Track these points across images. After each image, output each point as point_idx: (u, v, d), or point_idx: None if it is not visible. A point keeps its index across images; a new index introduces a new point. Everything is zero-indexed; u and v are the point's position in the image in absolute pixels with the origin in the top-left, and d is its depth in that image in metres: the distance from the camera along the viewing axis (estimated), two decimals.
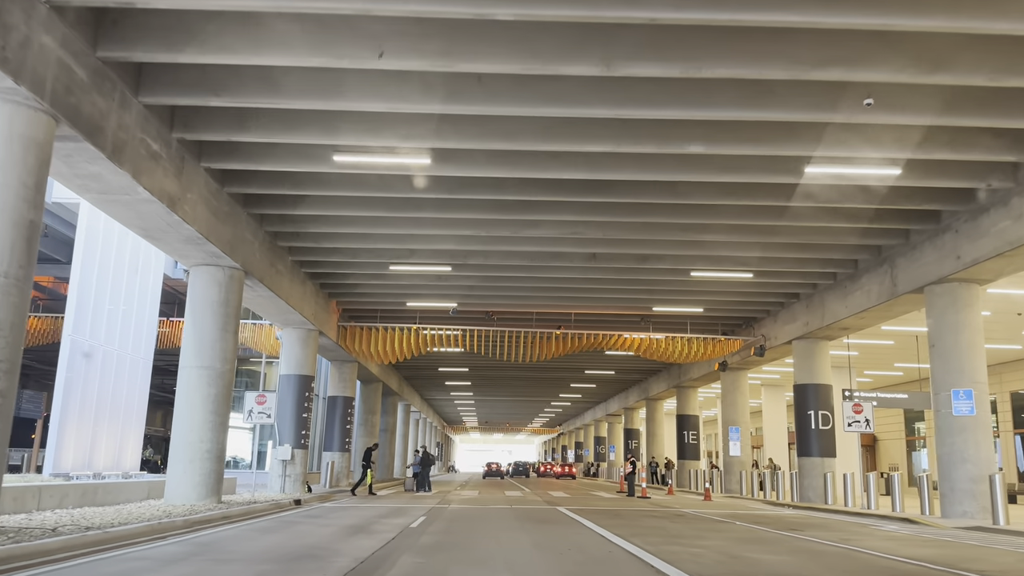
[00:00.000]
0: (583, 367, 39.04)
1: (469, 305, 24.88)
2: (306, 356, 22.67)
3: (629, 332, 25.96)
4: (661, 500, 23.97)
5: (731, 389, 29.98)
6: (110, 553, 8.54)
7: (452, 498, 22.62)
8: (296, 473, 21.97)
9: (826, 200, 14.81)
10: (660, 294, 22.89)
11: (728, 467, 29.72)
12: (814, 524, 14.95)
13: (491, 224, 16.83)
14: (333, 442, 29.14)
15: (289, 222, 16.96)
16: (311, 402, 22.75)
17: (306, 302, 21.31)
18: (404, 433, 50.47)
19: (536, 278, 21.45)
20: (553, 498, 23.46)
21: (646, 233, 17.06)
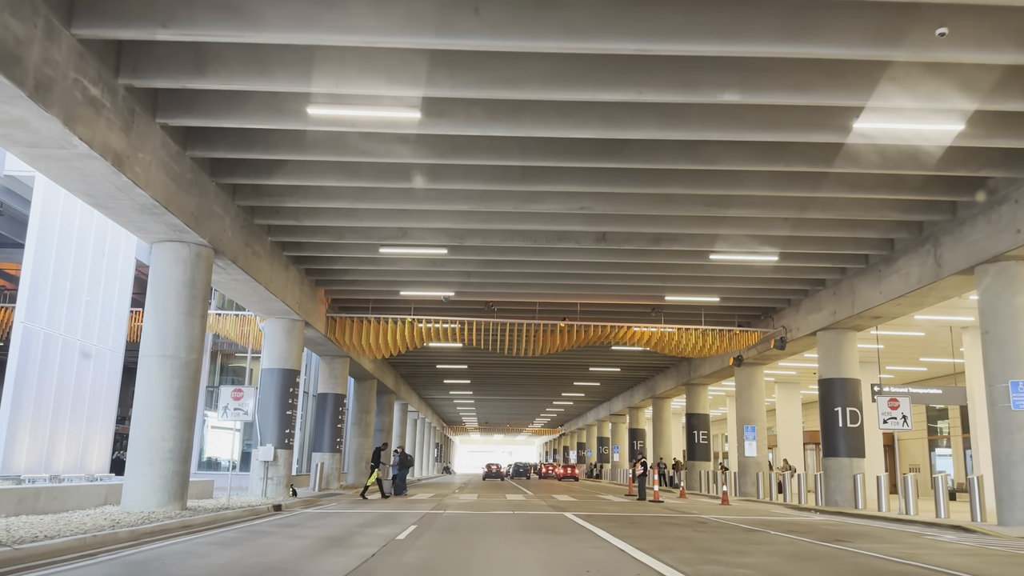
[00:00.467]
0: (587, 364, 37.28)
1: (467, 295, 23.11)
2: (291, 349, 20.89)
3: (639, 324, 24.17)
4: (675, 504, 22.19)
5: (746, 385, 28.20)
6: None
7: (449, 502, 20.85)
8: (279, 475, 20.19)
9: (870, 165, 13.03)
10: (674, 281, 21.11)
11: (743, 469, 27.93)
12: (858, 533, 13.17)
13: (491, 197, 15.07)
14: (323, 442, 27.38)
15: (265, 195, 15.19)
16: (296, 398, 20.98)
17: (290, 289, 19.54)
18: (401, 433, 48.69)
19: (540, 263, 19.68)
20: (558, 502, 21.69)
21: (662, 207, 15.28)
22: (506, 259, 19.27)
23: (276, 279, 18.33)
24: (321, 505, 19.20)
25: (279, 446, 20.31)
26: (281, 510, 17.06)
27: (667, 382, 38.72)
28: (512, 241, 17.49)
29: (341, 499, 21.81)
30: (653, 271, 19.94)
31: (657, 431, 41.93)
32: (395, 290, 22.72)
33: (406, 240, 17.54)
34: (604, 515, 16.45)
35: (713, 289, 22.12)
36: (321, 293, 23.00)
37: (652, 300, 23.30)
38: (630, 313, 25.09)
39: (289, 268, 19.37)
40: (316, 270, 21.09)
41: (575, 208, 15.23)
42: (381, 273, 21.08)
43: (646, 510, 18.85)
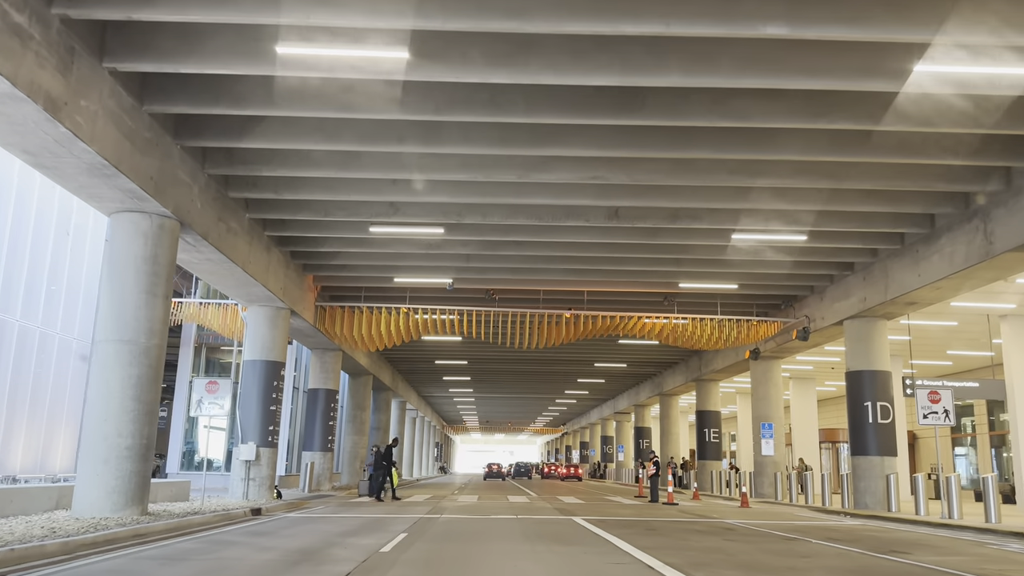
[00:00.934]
0: (592, 359, 35.67)
1: (466, 282, 21.49)
2: (275, 339, 19.29)
3: (650, 314, 22.56)
4: (690, 507, 20.57)
5: (763, 380, 26.58)
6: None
7: (446, 505, 19.25)
8: (262, 476, 18.60)
9: (921, 122, 11.39)
10: (690, 265, 19.48)
11: (759, 468, 26.31)
12: (911, 542, 11.55)
13: (492, 164, 13.45)
14: (314, 440, 25.79)
15: (238, 161, 13.57)
16: (281, 393, 19.38)
17: (272, 274, 17.93)
18: (399, 432, 47.08)
19: (545, 244, 18.08)
20: (565, 505, 20.07)
21: (683, 175, 13.64)
22: (508, 240, 17.67)
23: (256, 261, 16.72)
24: (307, 508, 17.60)
25: (262, 444, 18.72)
26: (260, 514, 15.47)
27: (676, 378, 37.10)
28: (515, 218, 15.88)
29: (331, 501, 20.21)
30: (668, 253, 18.31)
31: (665, 429, 40.32)
32: (388, 276, 21.11)
33: (398, 217, 15.93)
34: (617, 520, 14.84)
35: (731, 275, 20.50)
36: (309, 280, 21.40)
37: (665, 288, 21.68)
38: (641, 303, 23.48)
39: (271, 250, 17.76)
40: (302, 253, 19.48)
41: (587, 177, 13.60)
42: (373, 257, 19.47)
43: (661, 513, 17.23)
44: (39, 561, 7.85)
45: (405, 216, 15.90)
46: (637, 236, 17.09)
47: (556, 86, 11.08)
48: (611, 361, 36.38)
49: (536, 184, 14.52)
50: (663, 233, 17.04)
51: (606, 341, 30.57)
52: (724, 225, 16.06)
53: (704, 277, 20.49)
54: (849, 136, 12.42)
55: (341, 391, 36.21)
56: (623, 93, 11.18)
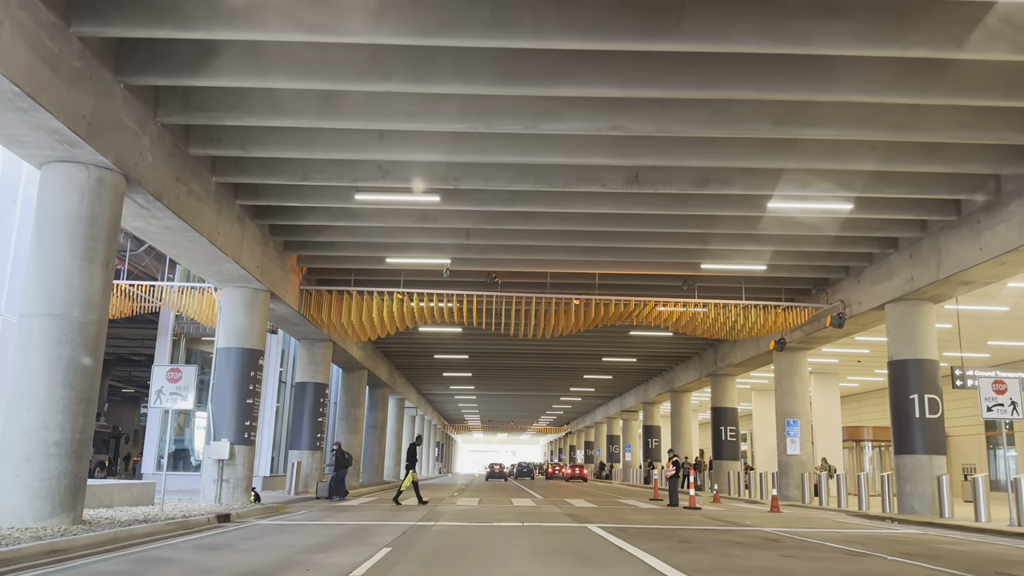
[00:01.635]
0: (600, 352, 33.66)
1: (466, 263, 19.49)
2: (252, 324, 17.29)
3: (669, 299, 20.52)
4: (715, 512, 18.54)
5: (788, 374, 24.54)
6: None
7: (443, 510, 17.23)
8: (237, 477, 16.60)
9: (1014, 48, 9.37)
10: (716, 242, 17.45)
11: (784, 469, 24.27)
12: (1009, 559, 9.53)
13: (494, 108, 11.44)
14: (301, 438, 23.78)
15: (196, 107, 11.55)
16: (259, 384, 17.38)
17: (247, 249, 15.94)
18: (397, 431, 45.12)
19: (554, 217, 16.08)
20: (576, 510, 18.06)
21: (717, 125, 11.60)
22: (513, 210, 15.68)
23: (227, 233, 14.72)
24: (286, 514, 15.60)
25: (237, 441, 16.72)
26: (228, 521, 13.49)
27: (689, 373, 35.07)
28: (521, 182, 13.85)
29: (317, 505, 18.21)
30: (692, 226, 16.28)
31: (676, 428, 38.26)
32: (380, 256, 19.10)
33: (387, 181, 13.90)
34: (639, 529, 12.83)
35: (760, 254, 18.47)
36: (292, 261, 19.40)
37: (685, 270, 19.64)
38: (657, 287, 21.44)
39: (245, 222, 15.75)
40: (282, 228, 17.47)
41: (605, 127, 11.57)
42: (361, 233, 17.45)
43: (686, 520, 15.21)
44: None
45: (395, 180, 13.88)
46: (659, 205, 15.07)
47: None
48: (620, 355, 34.36)
49: (545, 137, 12.50)
50: (689, 201, 15.02)
51: (615, 333, 28.57)
52: (760, 190, 14.02)
53: (730, 257, 18.46)
54: (923, 67, 10.39)
55: (333, 386, 34.20)
56: (655, 7, 9.16)
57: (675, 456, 20.74)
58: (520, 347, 32.12)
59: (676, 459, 20.62)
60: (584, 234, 17.30)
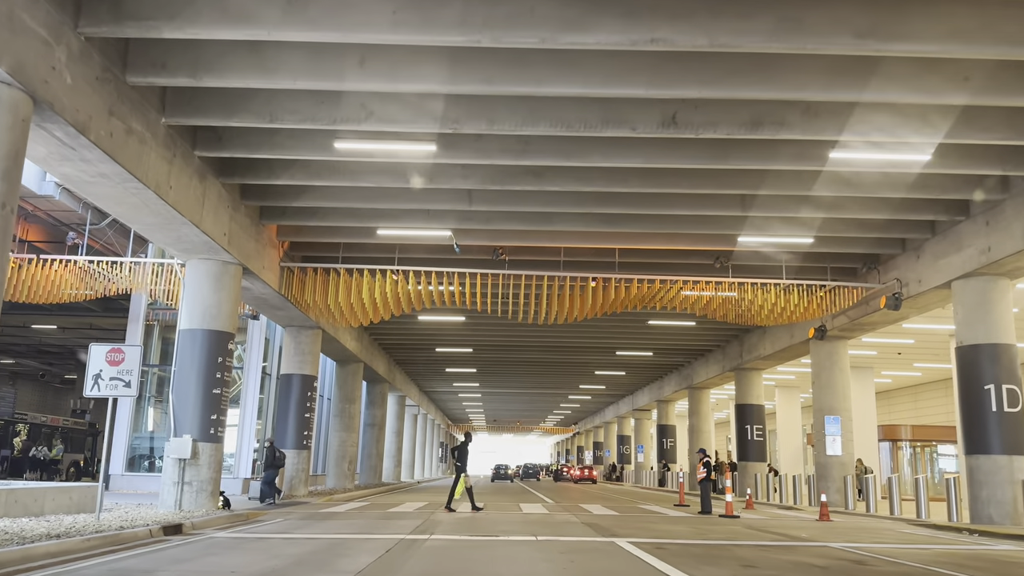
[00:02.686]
0: (614, 346, 31.24)
1: (469, 236, 17.12)
2: (220, 302, 14.93)
3: (700, 277, 18.08)
4: (756, 521, 16.11)
5: (827, 365, 22.08)
6: None
7: (441, 518, 14.83)
8: (202, 479, 14.23)
9: None
10: (758, 207, 15.02)
11: (823, 471, 21.80)
12: None
13: (501, 13, 9.03)
14: (286, 436, 21.40)
15: (126, 14, 9.14)
16: (228, 372, 15.02)
17: (211, 213, 13.57)
18: (398, 429, 42.69)
19: (571, 174, 13.69)
20: (594, 518, 15.66)
21: (783, 38, 9.14)
22: (523, 165, 13.32)
23: (182, 189, 12.36)
24: (256, 523, 13.22)
25: (202, 438, 14.37)
26: (179, 532, 11.13)
27: (709, 368, 32.61)
28: (533, 124, 11.42)
29: (298, 512, 15.83)
30: (733, 185, 13.85)
31: (694, 427, 35.81)
32: (370, 227, 16.74)
33: (372, 123, 11.48)
34: (679, 545, 10.41)
35: (808, 225, 16.04)
36: (271, 233, 17.03)
37: (719, 244, 17.21)
38: (685, 266, 19.01)
39: (207, 179, 13.37)
40: (254, 190, 15.10)
41: (641, 40, 9.14)
42: (347, 196, 15.06)
43: (730, 533, 12.77)
44: None
45: (381, 121, 11.46)
46: (697, 155, 12.63)
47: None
48: (635, 348, 31.91)
49: (565, 58, 10.08)
50: (734, 151, 12.59)
51: (632, 323, 26.14)
52: (824, 134, 11.57)
53: (772, 228, 16.03)
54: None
55: (325, 380, 31.84)
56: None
57: (706, 456, 18.28)
58: (528, 339, 29.72)
59: (707, 459, 18.17)
60: (605, 197, 14.89)
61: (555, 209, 15.05)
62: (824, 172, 13.51)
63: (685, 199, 14.83)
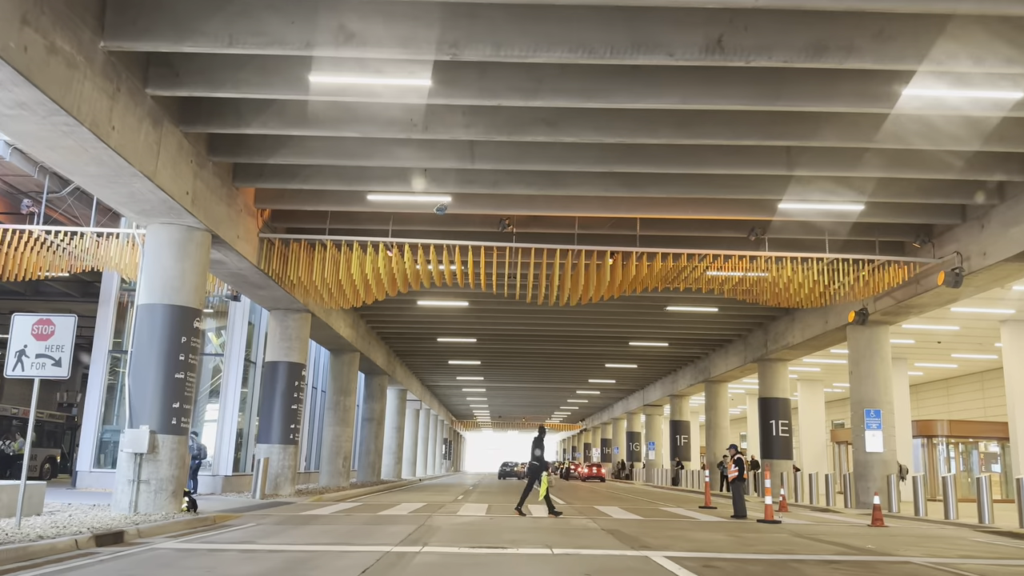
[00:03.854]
0: (628, 335, 29.24)
1: (470, 203, 15.12)
2: (184, 273, 12.96)
3: (733, 251, 16.04)
4: (802, 527, 14.08)
5: (866, 354, 20.02)
6: None
7: (438, 524, 12.83)
8: (161, 476, 12.28)
9: None
10: (807, 161, 12.95)
11: (863, 470, 19.76)
12: None
13: None
14: (271, 430, 19.46)
15: None
16: (194, 354, 13.05)
17: (168, 165, 11.59)
18: (399, 425, 40.76)
19: (590, 119, 11.68)
20: (615, 523, 13.66)
21: None
22: (535, 106, 11.34)
23: (129, 131, 10.38)
24: (222, 528, 11.25)
25: (162, 429, 12.41)
26: (120, 542, 9.21)
27: (729, 359, 30.57)
28: (548, 49, 9.39)
29: (277, 514, 13.86)
30: (782, 134, 11.80)
31: (711, 422, 33.78)
32: (359, 192, 14.78)
33: (352, 48, 9.47)
34: (730, 561, 8.40)
35: (860, 187, 14.00)
36: (248, 198, 15.06)
37: (757, 212, 15.18)
38: (715, 239, 16.99)
39: (163, 125, 11.38)
40: (222, 142, 13.09)
41: None
42: (330, 150, 13.03)
43: (780, 543, 10.75)
44: None
45: (364, 45, 9.45)
46: (743, 93, 10.59)
47: None
48: (650, 338, 29.90)
49: None
50: (787, 86, 10.55)
51: (649, 308, 24.14)
52: (900, 63, 9.52)
53: (821, 189, 13.98)
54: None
55: (318, 370, 29.93)
56: None
57: (738, 453, 16.24)
58: (535, 328, 27.74)
59: (740, 457, 16.13)
60: (629, 152, 12.86)
61: (570, 167, 13.01)
62: (891, 117, 11.47)
63: (723, 154, 12.80)
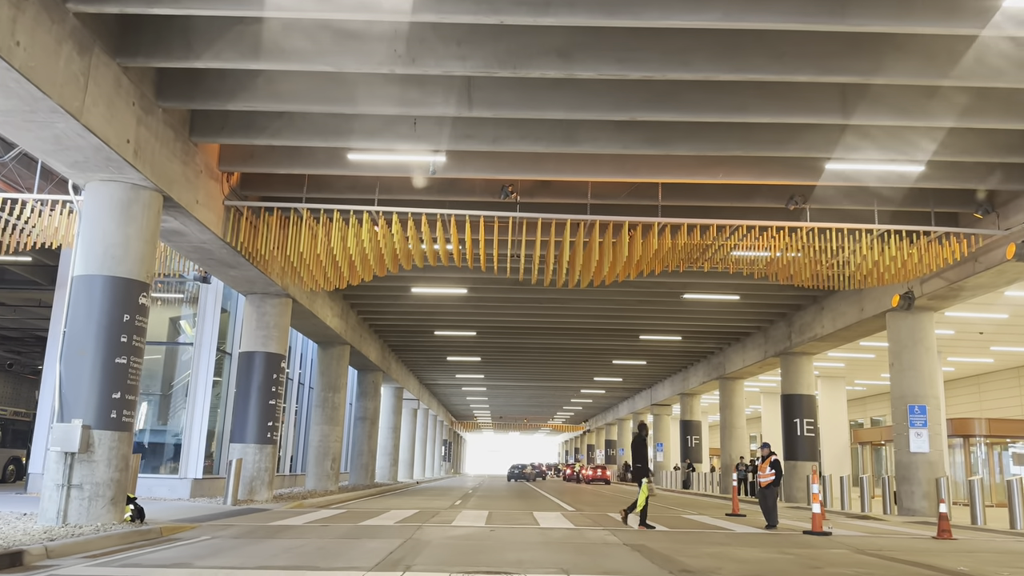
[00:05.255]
0: (639, 328, 27.22)
1: (467, 163, 13.09)
2: (128, 240, 10.93)
3: (771, 222, 13.99)
4: (858, 540, 12.02)
5: (909, 344, 17.99)
6: None
7: (429, 536, 10.78)
8: (97, 480, 10.27)
9: None
10: (866, 111, 10.91)
11: (907, 472, 17.72)
12: None
13: None
14: (246, 428, 17.42)
15: None
16: (141, 337, 11.03)
17: (100, 103, 9.57)
18: (395, 425, 38.73)
19: (613, 48, 9.66)
20: (640, 537, 11.64)
21: None
22: (547, 27, 9.34)
23: (45, 55, 8.36)
24: (168, 542, 9.22)
25: (99, 424, 10.40)
26: (20, 564, 7.20)
27: (747, 354, 28.53)
28: None
29: (241, 524, 11.80)
30: (839, 68, 9.78)
31: (727, 421, 31.73)
32: (339, 149, 12.76)
33: None
34: None
35: (923, 143, 11.96)
36: (210, 157, 13.02)
37: (798, 177, 13.12)
38: (747, 210, 14.96)
39: (93, 52, 9.33)
40: (171, 83, 11.03)
41: None
42: (300, 93, 10.94)
43: (854, 564, 8.69)
44: None
45: None
46: (800, 9, 8.57)
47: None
48: (662, 331, 27.87)
49: None
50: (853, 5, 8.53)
51: (664, 297, 22.15)
52: None
53: (876, 144, 11.94)
54: None
55: (306, 365, 27.88)
56: None
57: (773, 453, 14.16)
58: (540, 320, 25.73)
59: (775, 458, 14.06)
60: (654, 95, 10.82)
61: (585, 115, 10.96)
62: (978, 42, 9.45)
63: (766, 96, 10.76)
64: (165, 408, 18.60)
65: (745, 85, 10.72)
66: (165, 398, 18.67)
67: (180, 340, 18.75)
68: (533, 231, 14.65)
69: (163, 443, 18.37)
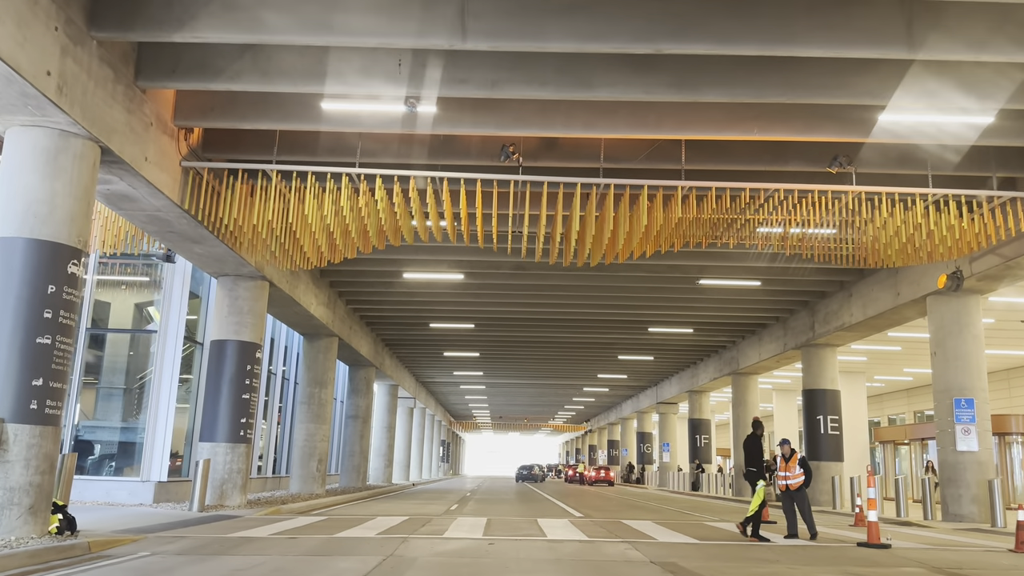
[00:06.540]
0: (648, 320, 25.46)
1: (462, 114, 11.27)
2: (55, 196, 9.12)
3: (815, 186, 12.15)
4: (913, 551, 10.23)
5: (954, 330, 16.21)
6: None
7: (417, 551, 8.97)
8: (12, 485, 8.48)
9: None
10: (936, 45, 9.11)
11: (952, 473, 15.93)
12: None
13: None
14: (216, 425, 15.61)
15: None
16: (70, 313, 9.21)
17: (8, 19, 7.77)
18: (389, 424, 36.93)
19: None
20: (664, 551, 9.84)
21: None
22: None
23: None
24: (96, 561, 7.45)
25: (19, 418, 8.61)
26: None
27: (763, 347, 26.75)
28: None
29: (195, 536, 9.98)
30: None
31: (739, 419, 29.98)
32: (311, 98, 10.97)
33: None
34: None
35: (998, 83, 10.16)
36: (162, 107, 11.20)
37: (846, 133, 11.31)
38: (782, 174, 13.15)
39: None
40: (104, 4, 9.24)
41: None
42: (257, 16, 9.16)
43: None
44: None
45: None
46: None
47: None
48: (673, 323, 26.09)
49: None
50: None
51: (678, 283, 20.42)
52: None
53: (948, 82, 10.13)
54: None
55: (290, 358, 26.04)
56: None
57: (795, 451, 12.25)
58: (542, 310, 23.96)
59: (802, 455, 12.18)
60: (681, 17, 9.00)
61: (600, 47, 9.14)
62: None
63: (816, 24, 8.95)
64: (131, 403, 16.80)
65: (792, 7, 8.92)
66: (130, 392, 16.88)
67: (148, 328, 16.96)
68: (537, 202, 12.87)
69: (132, 442, 16.55)
